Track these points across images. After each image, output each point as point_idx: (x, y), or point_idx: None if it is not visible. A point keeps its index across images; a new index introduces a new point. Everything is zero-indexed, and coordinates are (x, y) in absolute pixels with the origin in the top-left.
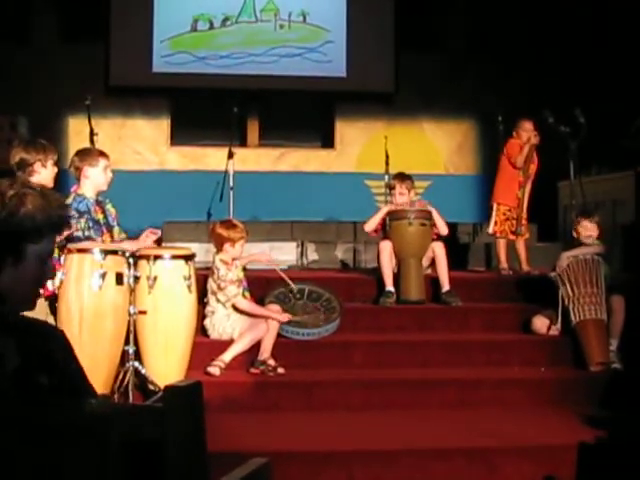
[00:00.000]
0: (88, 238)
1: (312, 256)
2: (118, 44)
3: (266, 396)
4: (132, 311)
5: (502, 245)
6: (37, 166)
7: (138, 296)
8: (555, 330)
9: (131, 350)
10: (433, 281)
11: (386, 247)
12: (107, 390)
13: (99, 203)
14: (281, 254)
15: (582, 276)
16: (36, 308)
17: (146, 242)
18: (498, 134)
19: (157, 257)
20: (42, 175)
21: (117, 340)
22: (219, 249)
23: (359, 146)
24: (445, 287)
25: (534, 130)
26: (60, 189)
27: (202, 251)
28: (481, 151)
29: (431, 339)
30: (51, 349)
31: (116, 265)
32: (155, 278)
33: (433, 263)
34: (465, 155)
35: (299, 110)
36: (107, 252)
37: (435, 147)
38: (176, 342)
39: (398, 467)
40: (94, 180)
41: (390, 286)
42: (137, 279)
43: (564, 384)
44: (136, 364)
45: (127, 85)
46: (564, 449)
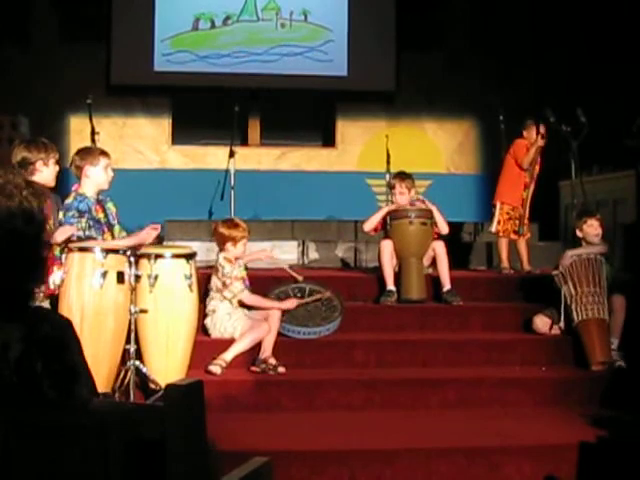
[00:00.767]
0: (89, 237)
1: (313, 255)
2: (119, 43)
3: (267, 395)
4: (133, 310)
5: (504, 244)
6: (39, 165)
7: (139, 295)
8: (557, 329)
9: (132, 349)
10: (434, 280)
11: (387, 246)
12: (108, 389)
13: (100, 202)
14: (282, 253)
15: (585, 275)
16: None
17: (148, 239)
18: (500, 133)
19: (158, 256)
20: (44, 174)
21: (118, 339)
22: (222, 248)
23: (360, 145)
24: (446, 286)
25: (537, 132)
26: (61, 188)
27: (203, 250)
28: (482, 150)
29: (432, 338)
30: (55, 337)
31: (117, 264)
32: (156, 277)
33: (434, 262)
34: (466, 154)
35: (300, 109)
36: (108, 251)
37: (436, 146)
38: (177, 341)
39: (399, 466)
40: (95, 179)
41: (391, 285)
42: (138, 278)
43: (565, 383)
44: (137, 363)
45: (128, 84)
46: (565, 449)
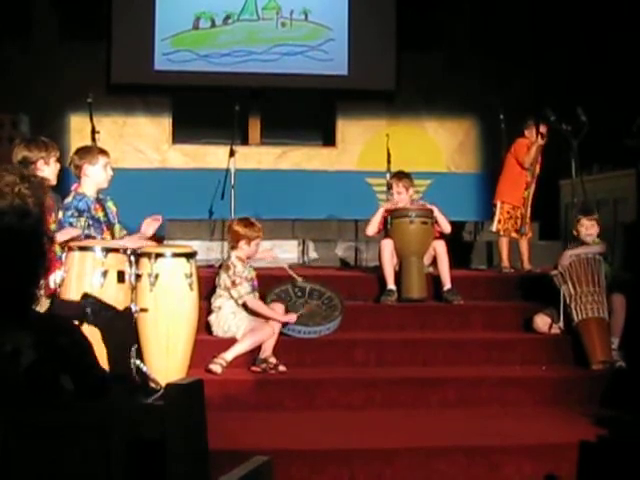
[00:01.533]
0: (88, 236)
1: (313, 254)
2: (119, 42)
3: (267, 394)
4: (133, 309)
5: (505, 243)
6: (40, 164)
7: (139, 294)
8: (557, 329)
9: (132, 348)
10: (434, 279)
11: (387, 245)
12: None
13: (99, 201)
14: (282, 252)
15: (584, 275)
16: (38, 306)
17: (148, 232)
18: (500, 132)
19: (158, 255)
20: (45, 173)
21: None
22: (234, 246)
23: (361, 144)
24: (446, 285)
25: (537, 131)
26: (62, 187)
27: (203, 249)
28: (483, 149)
29: (432, 337)
30: (66, 344)
31: (117, 263)
32: (156, 276)
33: (434, 261)
34: (467, 153)
35: (301, 108)
36: (108, 250)
37: (437, 145)
38: (177, 340)
39: (399, 465)
40: (94, 178)
41: (391, 284)
42: (138, 277)
43: (566, 383)
44: (137, 362)
45: (128, 83)
46: (565, 448)
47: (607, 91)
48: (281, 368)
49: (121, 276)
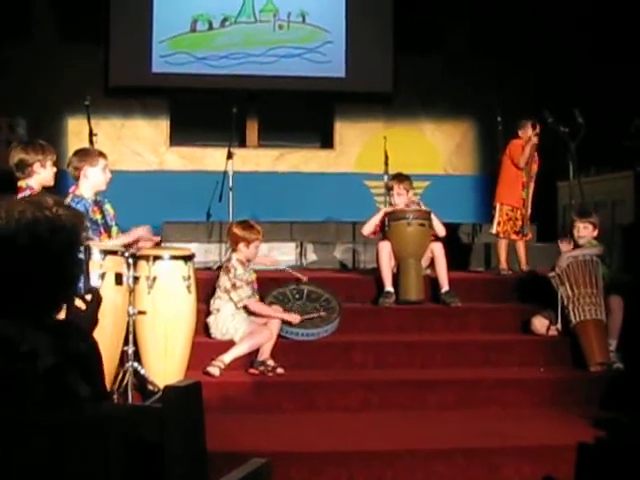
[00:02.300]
0: (86, 239)
1: (311, 256)
2: (117, 44)
3: (265, 396)
4: (131, 311)
5: (503, 245)
6: (36, 167)
7: (137, 296)
8: (554, 330)
9: (130, 350)
10: (432, 281)
11: (385, 247)
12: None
13: (97, 203)
14: (280, 254)
15: (582, 277)
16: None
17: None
18: (497, 134)
19: (156, 257)
20: (42, 175)
21: (116, 340)
22: (234, 248)
23: (358, 146)
24: (444, 287)
25: (533, 129)
26: (58, 189)
27: (201, 251)
28: (480, 151)
29: (430, 339)
30: (86, 351)
31: (115, 265)
32: (154, 278)
33: (432, 263)
34: (464, 155)
35: (298, 110)
36: (106, 252)
37: (434, 147)
38: (175, 342)
39: (398, 467)
40: (93, 180)
41: (389, 286)
42: (136, 279)
43: (564, 384)
44: (135, 364)
45: (126, 85)
46: (563, 449)
47: (605, 93)
48: (279, 370)
49: (119, 278)
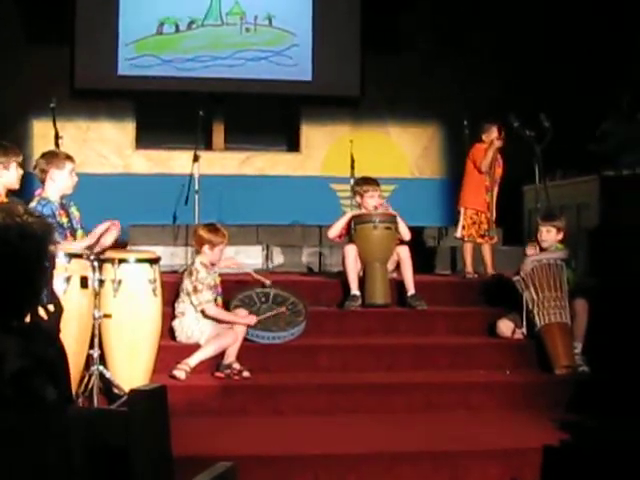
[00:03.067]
0: (54, 244)
1: (277, 260)
2: (83, 46)
3: (231, 400)
4: (97, 315)
5: (469, 249)
6: None
7: (103, 300)
8: (520, 334)
9: (96, 354)
10: (398, 285)
11: (351, 251)
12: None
13: (63, 206)
14: (247, 258)
15: (546, 280)
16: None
17: (107, 242)
18: (464, 138)
19: (122, 260)
20: (4, 178)
21: (82, 344)
22: (199, 251)
23: (325, 150)
24: (410, 291)
25: (499, 134)
26: (24, 192)
27: (167, 254)
28: (447, 155)
29: (397, 343)
30: (54, 355)
31: (81, 269)
32: (120, 282)
33: (398, 267)
34: (431, 159)
35: (265, 114)
36: (72, 255)
37: (401, 151)
38: (141, 346)
39: (364, 471)
40: (60, 183)
41: (355, 290)
42: (102, 283)
43: (530, 388)
44: (101, 368)
45: (92, 88)
46: (530, 452)
47: (571, 97)
48: (245, 374)
49: (84, 282)
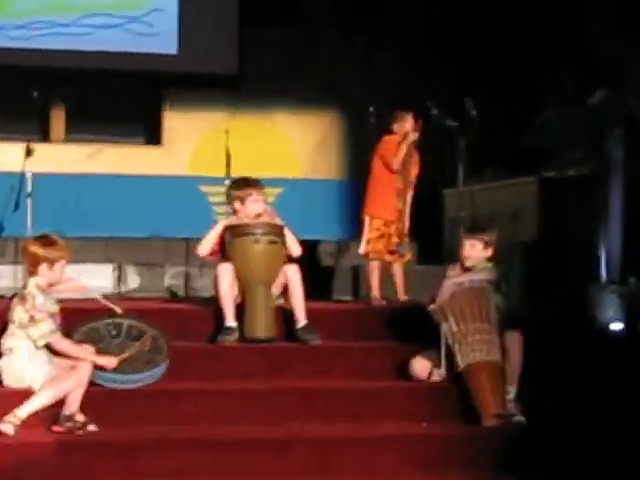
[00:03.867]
0: None
1: (133, 282)
2: None
3: (74, 461)
4: None
5: (375, 269)
6: None
7: None
8: (438, 375)
9: None
10: (286, 314)
11: (226, 271)
12: None
13: None
14: (93, 279)
15: (469, 308)
16: None
17: None
18: (370, 129)
19: None
20: None
21: None
22: (33, 272)
23: (193, 142)
24: (301, 321)
25: (414, 124)
26: None
27: None
28: (348, 150)
29: (283, 387)
30: None
31: None
32: None
33: (286, 291)
34: (328, 155)
35: (117, 96)
36: None
37: (290, 144)
38: None
39: None
40: None
41: (231, 320)
42: None
43: (451, 443)
44: None
45: None
46: None
47: (502, 78)
48: (91, 427)
49: None
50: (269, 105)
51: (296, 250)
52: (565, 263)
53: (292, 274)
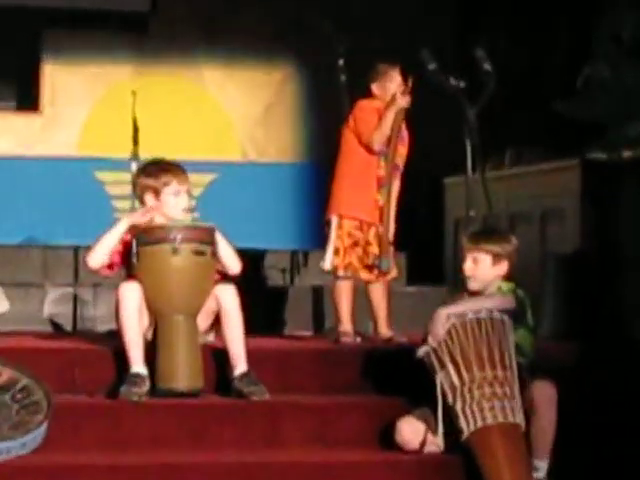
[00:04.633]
0: None
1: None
2: None
3: None
4: None
5: (346, 290)
6: None
7: None
8: (434, 445)
9: None
10: (218, 355)
11: (131, 294)
12: None
13: None
14: None
15: (475, 350)
16: None
17: None
18: (339, 89)
19: None
20: None
21: None
22: None
23: (85, 109)
24: (240, 367)
25: (403, 83)
26: None
27: None
28: (307, 122)
29: (212, 462)
30: None
31: None
32: None
33: (218, 323)
34: (278, 128)
35: None
36: None
37: (223, 112)
38: None
39: None
40: None
41: (139, 365)
42: None
43: None
44: None
45: None
46: None
47: (529, 20)
48: None
49: None
50: (194, 56)
51: (233, 264)
52: (619, 284)
53: (227, 299)
